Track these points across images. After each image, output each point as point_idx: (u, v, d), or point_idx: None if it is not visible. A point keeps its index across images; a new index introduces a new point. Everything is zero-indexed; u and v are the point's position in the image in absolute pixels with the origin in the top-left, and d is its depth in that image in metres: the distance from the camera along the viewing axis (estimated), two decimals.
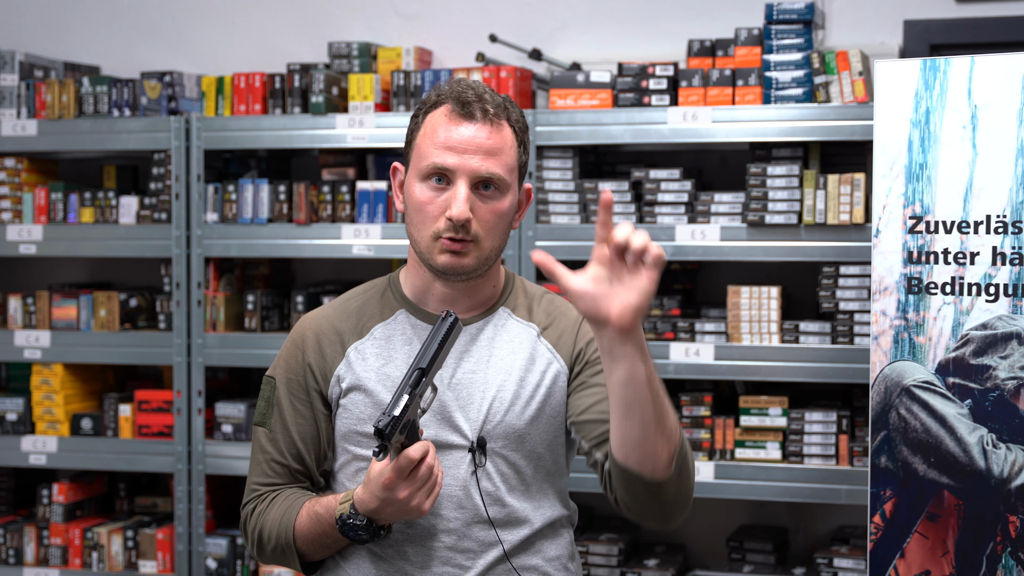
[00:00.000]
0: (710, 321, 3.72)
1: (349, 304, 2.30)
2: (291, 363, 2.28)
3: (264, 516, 2.24)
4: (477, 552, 2.19)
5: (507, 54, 4.20)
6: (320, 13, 4.46)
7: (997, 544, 3.04)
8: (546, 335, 2.26)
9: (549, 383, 2.24)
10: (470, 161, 2.14)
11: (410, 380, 2.04)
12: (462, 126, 2.15)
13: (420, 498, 2.06)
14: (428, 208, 2.16)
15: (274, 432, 2.26)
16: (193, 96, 4.21)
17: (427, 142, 2.17)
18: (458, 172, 2.14)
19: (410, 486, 2.05)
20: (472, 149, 2.14)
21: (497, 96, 2.20)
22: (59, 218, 4.17)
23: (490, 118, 2.16)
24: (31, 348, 4.15)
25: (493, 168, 2.15)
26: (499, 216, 2.18)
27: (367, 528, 2.11)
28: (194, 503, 4.04)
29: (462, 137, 2.15)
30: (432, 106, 2.20)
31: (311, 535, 2.18)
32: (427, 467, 2.05)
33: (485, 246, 2.18)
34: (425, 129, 2.19)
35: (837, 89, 3.62)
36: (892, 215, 3.15)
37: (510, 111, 2.20)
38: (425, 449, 2.05)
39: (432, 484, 2.07)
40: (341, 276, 4.36)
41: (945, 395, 3.09)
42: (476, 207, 2.15)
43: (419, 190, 2.17)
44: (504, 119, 2.18)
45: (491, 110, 2.16)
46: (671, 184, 3.72)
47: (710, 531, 4.07)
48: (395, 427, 2.00)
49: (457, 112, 2.16)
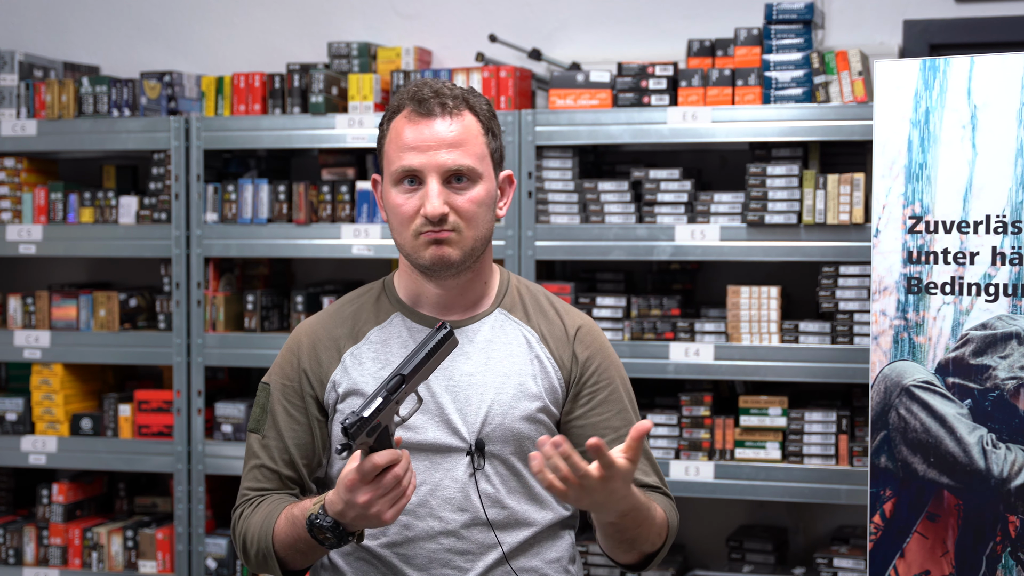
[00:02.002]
0: (710, 321, 3.72)
1: (344, 309, 2.30)
2: (286, 370, 2.27)
3: (249, 520, 2.22)
4: (476, 554, 2.19)
5: (507, 54, 4.20)
6: (320, 13, 4.46)
7: (997, 544, 3.04)
8: (545, 342, 2.26)
9: (547, 388, 2.24)
10: (436, 157, 2.15)
11: (388, 384, 2.01)
12: (422, 124, 2.16)
13: (381, 506, 2.00)
14: (404, 210, 2.17)
15: (267, 438, 2.25)
16: (193, 96, 4.21)
17: (393, 147, 2.19)
18: (426, 170, 2.15)
19: (372, 492, 1.99)
20: (436, 144, 2.15)
21: (456, 88, 2.20)
22: (59, 218, 4.17)
23: (449, 111, 2.17)
24: (31, 348, 4.15)
25: (460, 160, 2.16)
26: (477, 205, 2.18)
27: (333, 529, 2.04)
28: (194, 503, 4.04)
29: (424, 135, 2.16)
30: (395, 112, 2.21)
31: (287, 539, 2.14)
32: (393, 476, 1.99)
33: (468, 236, 2.17)
34: (391, 135, 2.20)
35: (837, 89, 3.62)
36: (892, 215, 3.15)
37: (471, 100, 2.20)
38: (394, 458, 1.99)
39: (397, 495, 2.01)
40: (341, 276, 4.36)
41: (945, 395, 3.09)
42: (451, 200, 2.15)
43: (394, 195, 2.18)
44: (465, 109, 2.19)
45: (450, 103, 2.17)
46: (671, 184, 3.72)
47: (710, 531, 4.07)
48: (361, 428, 1.96)
49: (416, 111, 2.17)
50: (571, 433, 2.25)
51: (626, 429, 2.24)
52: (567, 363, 2.25)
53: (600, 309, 3.77)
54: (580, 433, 2.24)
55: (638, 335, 3.73)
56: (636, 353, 3.68)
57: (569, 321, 2.29)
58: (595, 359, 2.27)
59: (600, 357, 2.28)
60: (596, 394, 2.26)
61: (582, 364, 2.26)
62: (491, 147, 2.22)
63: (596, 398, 2.26)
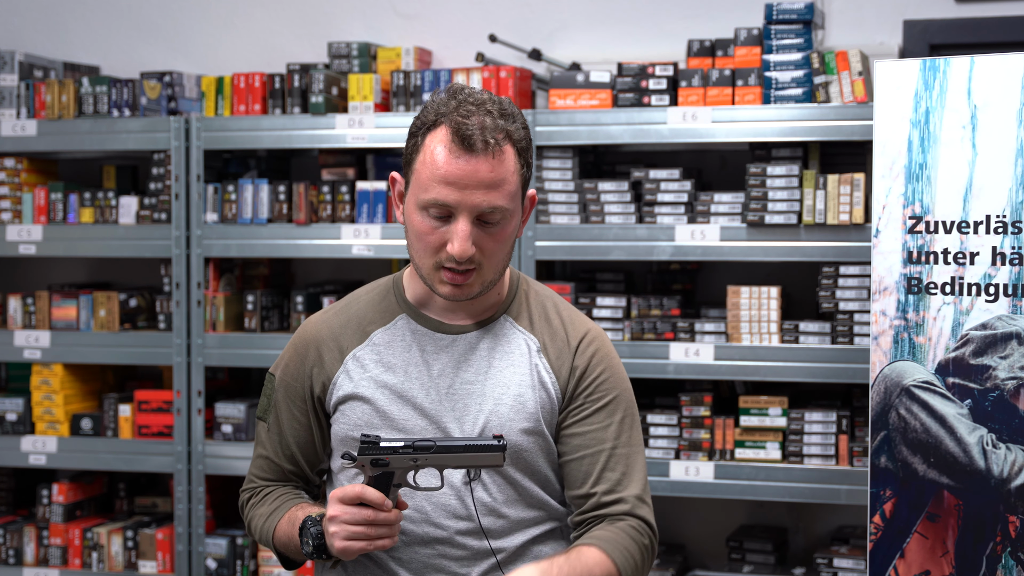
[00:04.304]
0: (710, 321, 3.72)
1: (351, 308, 2.29)
2: (291, 368, 2.28)
3: (255, 510, 2.28)
4: (471, 560, 2.18)
5: (507, 54, 4.20)
6: (320, 13, 4.46)
7: (997, 544, 3.04)
8: (545, 352, 2.23)
9: (545, 400, 2.22)
10: (471, 197, 2.07)
11: (417, 440, 2.05)
12: (462, 159, 2.06)
13: (337, 529, 2.01)
14: (429, 239, 2.12)
15: (271, 431, 2.29)
16: (193, 96, 4.21)
17: (427, 171, 2.09)
18: (459, 208, 2.08)
19: (339, 512, 2.01)
20: (473, 184, 2.07)
21: (495, 111, 2.10)
22: (59, 218, 4.17)
23: (491, 149, 2.07)
24: (31, 348, 4.15)
25: (495, 201, 2.09)
26: (503, 243, 2.14)
27: (316, 537, 2.07)
28: (194, 503, 4.04)
29: (463, 172, 2.06)
30: (432, 126, 2.11)
31: (284, 538, 2.20)
32: (366, 516, 2.00)
33: (488, 271, 2.15)
34: (424, 155, 2.10)
35: (837, 89, 3.62)
36: (892, 215, 3.15)
37: (511, 131, 2.10)
38: (380, 502, 2.00)
39: (358, 533, 2.01)
40: (341, 276, 4.36)
41: (945, 395, 3.09)
42: (478, 240, 2.10)
43: (419, 220, 2.12)
44: (507, 142, 2.10)
45: (491, 141, 2.07)
46: (671, 184, 3.72)
47: (710, 531, 4.07)
48: (367, 451, 2.01)
49: (457, 144, 2.06)
50: (563, 443, 2.23)
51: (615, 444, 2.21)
52: (564, 374, 2.22)
53: (600, 309, 3.77)
54: (571, 443, 2.22)
55: (638, 335, 3.74)
56: (636, 353, 3.68)
57: (573, 331, 2.26)
58: (593, 371, 2.23)
59: (599, 369, 2.24)
60: (589, 405, 2.22)
61: (580, 375, 2.23)
62: (524, 177, 2.15)
63: (589, 409, 2.22)
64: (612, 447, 2.20)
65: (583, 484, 2.20)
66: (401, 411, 2.18)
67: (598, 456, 2.19)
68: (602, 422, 2.22)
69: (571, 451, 2.21)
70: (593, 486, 2.19)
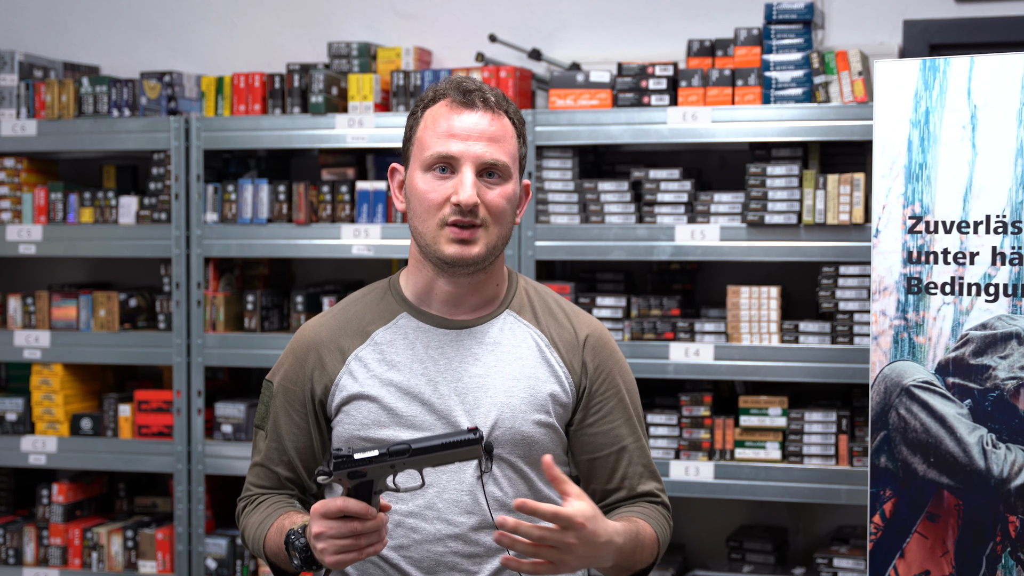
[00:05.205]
0: (710, 321, 3.72)
1: (349, 310, 2.29)
2: (290, 373, 2.27)
3: (248, 518, 2.27)
4: (483, 556, 2.18)
5: (507, 54, 4.20)
6: (320, 13, 4.46)
7: (997, 544, 3.04)
8: (555, 346, 2.25)
9: (557, 392, 2.23)
10: (474, 147, 2.14)
11: (392, 446, 1.99)
12: (464, 114, 2.16)
13: (326, 545, 1.98)
14: (432, 196, 2.15)
15: (269, 438, 2.27)
16: (193, 96, 4.21)
17: (429, 133, 2.17)
18: (463, 159, 2.14)
19: (324, 528, 1.97)
20: (476, 135, 2.15)
21: (495, 89, 2.23)
22: (59, 218, 4.17)
23: (491, 107, 2.17)
24: (31, 348, 4.15)
25: (497, 155, 2.15)
26: (506, 201, 2.17)
27: (302, 552, 2.05)
28: (194, 503, 4.04)
29: (465, 124, 2.15)
30: (431, 101, 2.20)
31: (274, 547, 2.17)
32: (352, 528, 1.97)
33: (493, 233, 2.16)
34: (425, 123, 2.19)
35: (837, 89, 3.62)
36: (892, 215, 3.15)
37: (507, 105, 2.22)
38: (363, 512, 1.96)
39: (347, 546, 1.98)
40: (341, 276, 4.35)
41: (945, 395, 3.09)
42: (482, 193, 2.15)
43: (422, 180, 2.16)
44: (503, 110, 2.20)
45: (491, 99, 2.18)
46: (671, 184, 3.72)
47: (710, 531, 4.07)
48: (343, 467, 1.95)
49: (459, 101, 2.17)
50: (581, 441, 2.26)
51: (632, 439, 2.27)
52: (578, 370, 2.25)
53: (600, 309, 3.77)
54: (590, 442, 2.25)
55: (638, 335, 3.74)
56: (636, 353, 3.68)
57: (579, 325, 2.28)
58: (604, 367, 2.27)
59: (610, 365, 2.28)
60: (605, 403, 2.26)
61: (592, 373, 2.25)
62: (521, 152, 2.23)
63: (606, 407, 2.26)
64: (632, 441, 2.27)
65: (610, 480, 2.26)
66: (409, 407, 2.18)
67: (622, 453, 2.26)
68: (619, 417, 2.27)
69: (594, 449, 2.26)
70: (621, 481, 2.26)
